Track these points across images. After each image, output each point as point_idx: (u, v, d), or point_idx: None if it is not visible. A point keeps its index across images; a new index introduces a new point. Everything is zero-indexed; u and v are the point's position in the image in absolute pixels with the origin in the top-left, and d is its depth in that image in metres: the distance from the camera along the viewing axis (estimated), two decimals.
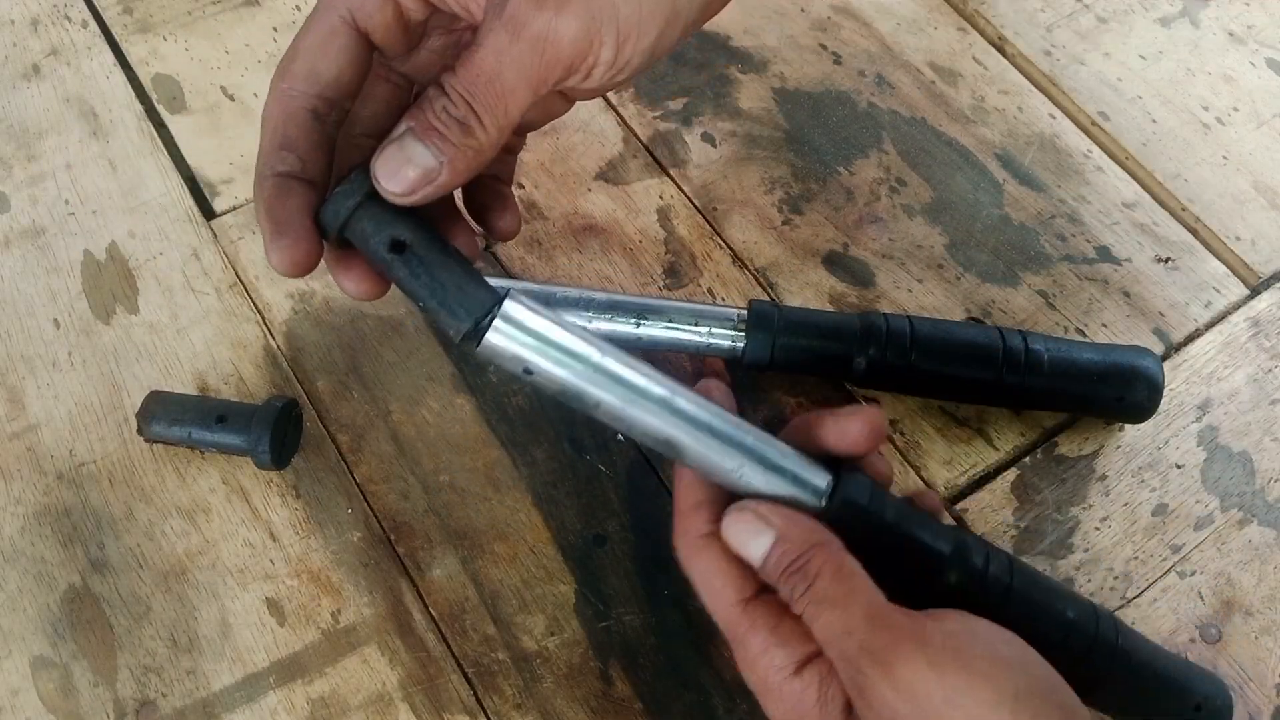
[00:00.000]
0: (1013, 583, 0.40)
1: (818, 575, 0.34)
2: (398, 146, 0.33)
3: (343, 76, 0.34)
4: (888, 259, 0.60)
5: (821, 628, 0.34)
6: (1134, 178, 0.64)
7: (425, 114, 0.33)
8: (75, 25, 0.67)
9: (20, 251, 0.58)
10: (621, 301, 0.52)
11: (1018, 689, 0.32)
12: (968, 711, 0.31)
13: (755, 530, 0.36)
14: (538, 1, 0.32)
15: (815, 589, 0.34)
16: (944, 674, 0.32)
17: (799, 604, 0.35)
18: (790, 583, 0.35)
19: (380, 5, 0.34)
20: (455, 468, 0.52)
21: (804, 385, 0.55)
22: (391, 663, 0.48)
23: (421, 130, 0.33)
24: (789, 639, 0.35)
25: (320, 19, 0.34)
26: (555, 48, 0.33)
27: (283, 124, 0.34)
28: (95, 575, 0.49)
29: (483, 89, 0.33)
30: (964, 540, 0.40)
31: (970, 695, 0.31)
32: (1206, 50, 0.70)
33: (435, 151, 0.33)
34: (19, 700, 0.46)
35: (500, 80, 0.33)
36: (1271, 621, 0.50)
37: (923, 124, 0.65)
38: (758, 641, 0.35)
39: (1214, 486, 0.54)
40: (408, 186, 0.33)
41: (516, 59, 0.33)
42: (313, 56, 0.34)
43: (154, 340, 0.56)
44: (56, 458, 0.52)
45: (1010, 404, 0.55)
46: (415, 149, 0.33)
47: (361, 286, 0.36)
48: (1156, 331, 0.59)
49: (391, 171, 0.33)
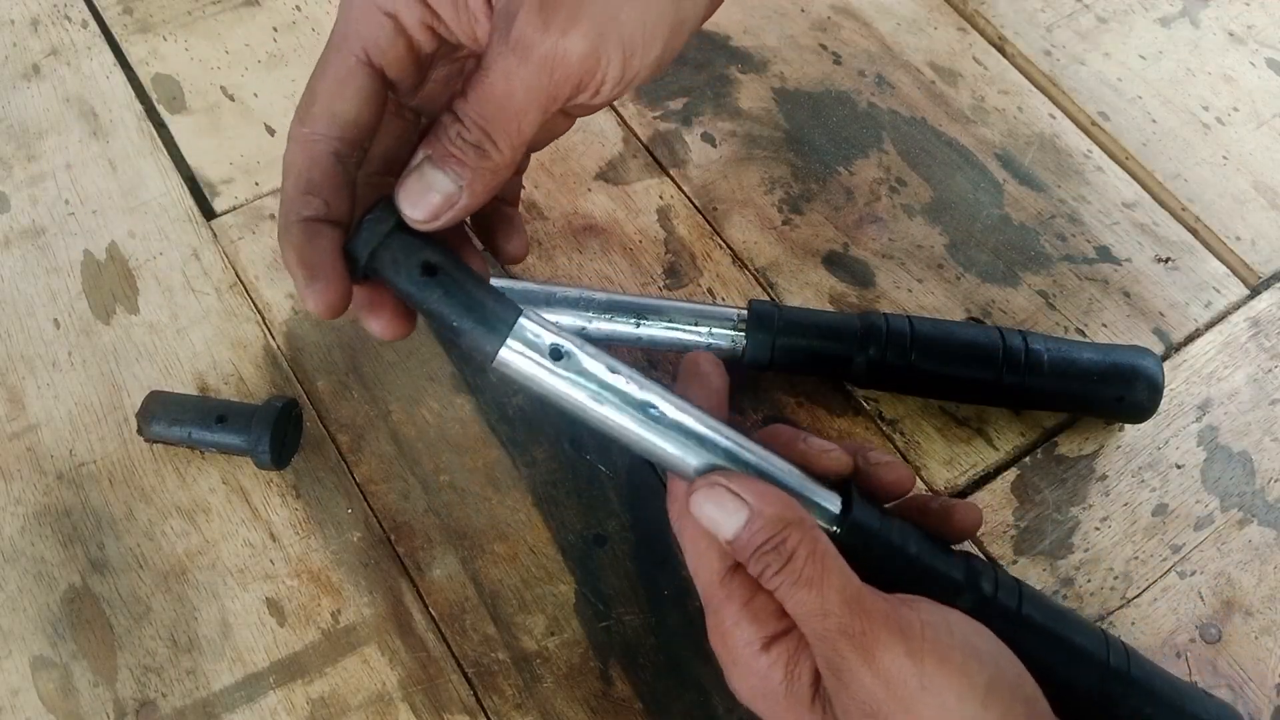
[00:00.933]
0: (1021, 609, 0.40)
1: (793, 554, 0.34)
2: (418, 175, 0.34)
3: (361, 117, 0.34)
4: (888, 259, 0.60)
5: (796, 605, 0.34)
6: (1134, 178, 0.64)
7: (441, 141, 0.34)
8: (75, 25, 0.67)
9: (20, 251, 0.58)
10: (621, 301, 0.52)
11: (989, 681, 0.33)
12: (941, 700, 0.32)
13: (727, 507, 0.35)
14: (543, 23, 0.33)
15: (791, 567, 0.34)
16: (922, 663, 0.33)
17: (772, 581, 0.35)
18: (764, 560, 0.35)
19: (393, 40, 0.34)
20: (455, 468, 0.52)
21: (804, 385, 0.55)
22: (391, 663, 0.48)
23: (439, 157, 0.34)
24: (761, 614, 0.35)
25: (334, 60, 0.34)
26: (564, 67, 0.33)
27: (306, 169, 0.34)
28: (95, 575, 0.49)
29: (495, 112, 0.33)
30: (974, 566, 0.40)
31: (945, 684, 0.32)
32: (1206, 50, 0.70)
33: (454, 176, 0.34)
34: (19, 700, 0.46)
35: (512, 102, 0.33)
36: (1271, 621, 0.50)
37: (923, 124, 0.65)
38: (731, 613, 0.35)
39: (1214, 486, 0.54)
40: (431, 212, 0.34)
41: (526, 80, 0.33)
42: (331, 99, 0.34)
43: (154, 340, 0.56)
44: (56, 458, 0.52)
45: (1010, 404, 0.55)
46: (435, 176, 0.34)
47: (391, 327, 0.37)
48: (1156, 331, 0.59)
49: (415, 199, 0.34)
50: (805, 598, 0.34)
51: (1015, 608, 0.39)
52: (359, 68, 0.34)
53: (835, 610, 0.34)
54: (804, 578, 0.34)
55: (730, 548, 0.36)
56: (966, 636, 0.34)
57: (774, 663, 0.35)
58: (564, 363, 0.36)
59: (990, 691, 0.33)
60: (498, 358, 0.36)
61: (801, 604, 0.34)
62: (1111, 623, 0.50)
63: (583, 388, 0.36)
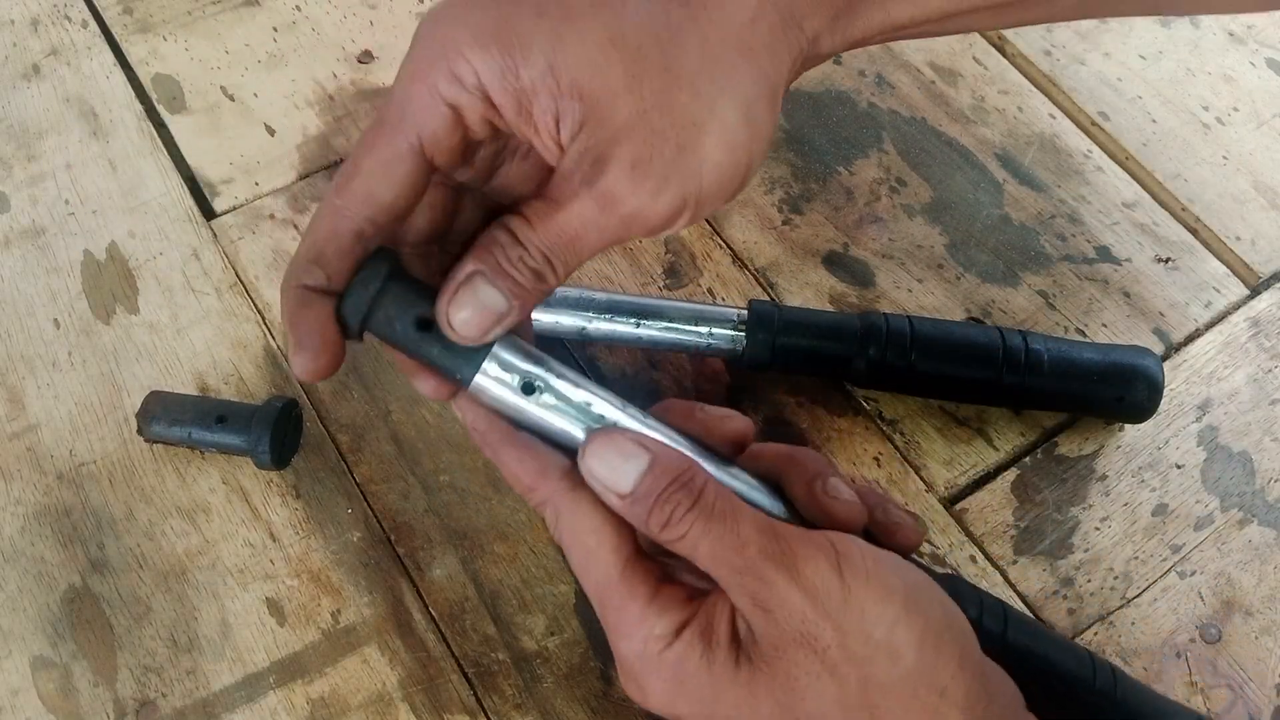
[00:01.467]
0: (1007, 632, 0.39)
1: (702, 490, 0.33)
2: (470, 291, 0.33)
3: (399, 202, 0.34)
4: (888, 259, 0.60)
5: (711, 545, 0.33)
6: (1134, 178, 0.64)
7: (497, 259, 0.33)
8: (75, 25, 0.67)
9: (20, 251, 0.58)
10: (621, 301, 0.52)
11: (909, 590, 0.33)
12: (862, 608, 0.32)
13: (627, 451, 0.34)
14: (636, 181, 0.32)
15: (702, 503, 0.33)
16: (843, 576, 0.32)
17: (681, 524, 0.33)
18: (672, 502, 0.33)
19: (450, 132, 0.33)
20: (455, 468, 0.52)
21: (804, 385, 0.55)
22: (391, 663, 0.48)
23: (494, 274, 0.33)
24: (669, 604, 0.33)
25: (385, 140, 0.33)
26: (643, 223, 0.34)
27: (324, 240, 0.34)
28: (95, 575, 0.49)
29: (562, 247, 0.34)
30: (959, 589, 0.39)
31: (866, 594, 0.32)
32: (1206, 50, 0.70)
33: (508, 296, 0.33)
34: (19, 700, 0.46)
35: (582, 243, 0.34)
36: (1271, 621, 0.50)
37: (923, 124, 0.65)
38: (635, 611, 0.33)
39: (1214, 486, 0.54)
40: (482, 330, 0.34)
41: (602, 229, 0.33)
42: (373, 179, 0.33)
43: (154, 340, 0.56)
44: (56, 458, 0.52)
45: (1010, 404, 0.55)
46: (488, 293, 0.33)
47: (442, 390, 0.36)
48: (1156, 331, 0.59)
49: (466, 316, 0.33)
50: (721, 532, 0.32)
51: (1000, 632, 0.39)
52: (409, 154, 0.33)
53: (754, 538, 0.32)
54: (718, 511, 0.33)
55: (628, 503, 0.34)
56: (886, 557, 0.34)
57: (689, 644, 0.33)
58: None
59: (910, 599, 0.32)
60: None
61: (718, 540, 0.33)
62: (1111, 623, 0.50)
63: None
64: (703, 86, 0.33)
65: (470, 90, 0.32)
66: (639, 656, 0.34)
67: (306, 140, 0.63)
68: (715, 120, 0.33)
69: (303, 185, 0.61)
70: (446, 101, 0.32)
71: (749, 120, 0.34)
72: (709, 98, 0.33)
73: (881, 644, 0.32)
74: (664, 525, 0.33)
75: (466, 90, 0.32)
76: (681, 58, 0.33)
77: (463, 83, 0.32)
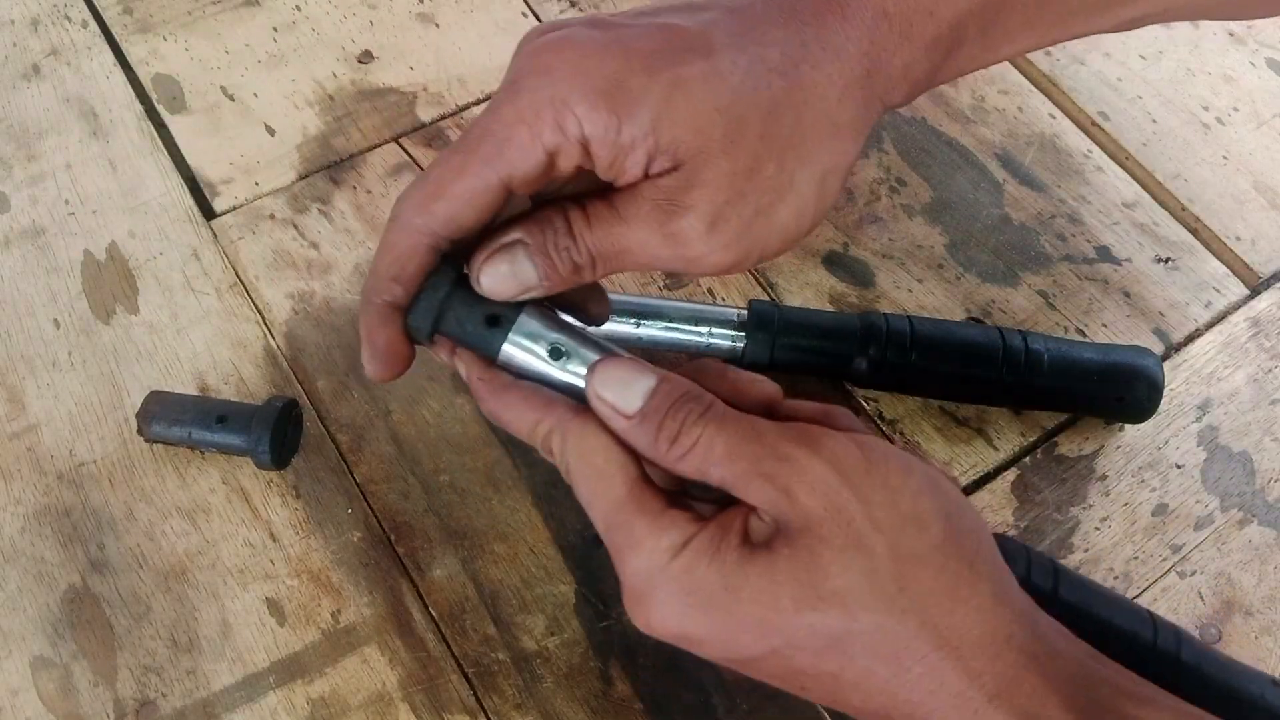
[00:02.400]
0: (1059, 588, 0.38)
1: (712, 401, 0.34)
2: (508, 256, 0.35)
3: (479, 226, 0.35)
4: (888, 259, 0.60)
5: (728, 438, 0.33)
6: (1134, 178, 0.64)
7: (544, 239, 0.35)
8: (75, 25, 0.67)
9: (20, 251, 0.58)
10: (621, 301, 0.52)
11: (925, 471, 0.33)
12: (888, 480, 0.32)
13: (636, 371, 0.34)
14: (710, 234, 0.34)
15: (714, 410, 0.33)
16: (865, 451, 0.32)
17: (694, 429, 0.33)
18: (683, 410, 0.33)
19: (541, 173, 0.34)
20: (455, 468, 0.52)
21: (804, 385, 0.55)
22: (391, 663, 0.48)
23: (536, 250, 0.35)
24: (677, 520, 0.33)
25: (477, 171, 0.34)
26: (704, 268, 0.35)
27: (404, 258, 0.35)
28: (95, 575, 0.49)
29: (611, 255, 0.35)
30: (1005, 545, 0.38)
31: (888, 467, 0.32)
32: (1206, 50, 0.70)
33: (542, 275, 0.35)
34: (19, 700, 0.46)
35: (631, 258, 0.35)
36: (1271, 621, 0.50)
37: (923, 124, 0.65)
38: (644, 523, 0.33)
39: (1214, 486, 0.54)
40: (509, 294, 0.35)
41: (656, 256, 0.35)
42: (459, 205, 0.34)
43: (154, 340, 0.56)
44: (56, 458, 0.52)
45: (1010, 404, 0.55)
46: (524, 265, 0.35)
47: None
48: (1156, 331, 0.59)
49: (498, 277, 0.35)
50: (736, 427, 0.33)
51: (1051, 588, 0.38)
52: (498, 187, 0.34)
53: (768, 428, 0.33)
54: (729, 415, 0.33)
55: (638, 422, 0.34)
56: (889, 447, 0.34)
57: (697, 552, 0.32)
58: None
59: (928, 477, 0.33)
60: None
61: (733, 434, 0.33)
62: None
63: None
64: (789, 159, 0.35)
65: (571, 140, 0.33)
66: (646, 571, 0.33)
67: (306, 140, 0.63)
68: (794, 191, 0.35)
69: (303, 185, 0.61)
70: (546, 149, 0.33)
71: (821, 192, 0.36)
72: (791, 170, 0.35)
73: (909, 514, 0.32)
74: (674, 438, 0.33)
75: (568, 140, 0.33)
76: (776, 129, 0.34)
77: (565, 133, 0.33)
